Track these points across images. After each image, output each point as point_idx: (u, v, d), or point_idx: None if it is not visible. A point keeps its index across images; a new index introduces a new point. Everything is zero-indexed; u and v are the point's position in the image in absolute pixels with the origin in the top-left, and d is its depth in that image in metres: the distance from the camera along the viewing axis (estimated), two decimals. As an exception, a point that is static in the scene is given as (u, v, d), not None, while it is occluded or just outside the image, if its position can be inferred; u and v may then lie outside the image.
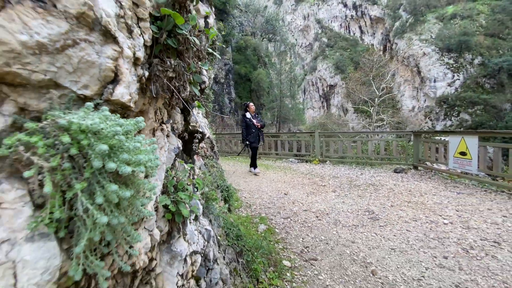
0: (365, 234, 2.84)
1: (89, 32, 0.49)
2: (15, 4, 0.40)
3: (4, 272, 0.44)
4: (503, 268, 2.13)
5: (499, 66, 36.03)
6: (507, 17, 40.54)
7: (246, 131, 5.96)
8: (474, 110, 35.68)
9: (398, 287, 1.98)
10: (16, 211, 0.47)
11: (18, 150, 0.43)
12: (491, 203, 3.48)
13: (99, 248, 0.57)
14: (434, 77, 38.34)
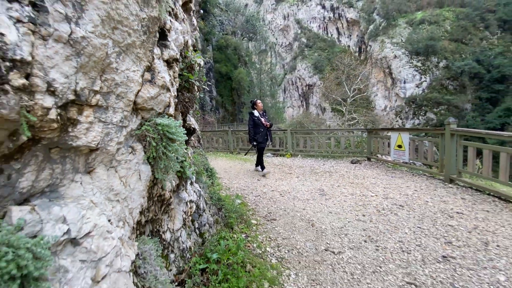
0: (314, 204, 3.88)
1: (164, 91, 1.36)
2: (146, 83, 1.26)
3: (137, 174, 1.33)
4: (398, 220, 3.23)
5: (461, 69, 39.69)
6: (469, 23, 44.51)
7: (254, 130, 5.58)
8: (439, 110, 39.16)
9: (326, 232, 3.00)
10: (138, 152, 1.35)
11: (144, 130, 1.30)
12: (411, 183, 4.69)
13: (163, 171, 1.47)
14: (404, 79, 41.42)
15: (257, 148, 5.82)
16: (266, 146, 6.04)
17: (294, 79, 58.98)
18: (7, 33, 0.67)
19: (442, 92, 39.62)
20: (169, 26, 1.45)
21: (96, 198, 1.03)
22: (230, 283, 1.91)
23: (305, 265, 2.38)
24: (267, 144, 5.95)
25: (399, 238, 2.76)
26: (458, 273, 2.15)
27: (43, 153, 0.86)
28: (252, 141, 5.63)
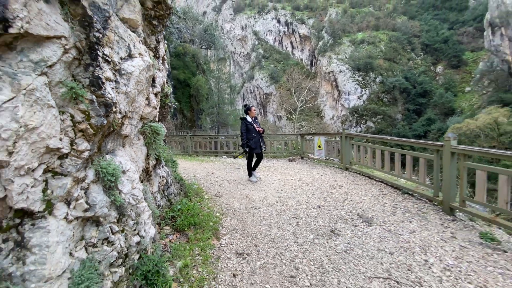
0: (251, 186, 5.44)
1: (154, 109, 2.71)
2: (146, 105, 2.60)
3: (140, 150, 2.66)
4: (302, 191, 4.96)
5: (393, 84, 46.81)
6: (399, 45, 52.70)
7: (247, 135, 5.62)
8: (377, 119, 45.51)
9: (255, 200, 4.55)
10: (141, 140, 2.68)
11: (144, 129, 2.63)
12: (321, 171, 6.60)
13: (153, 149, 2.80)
14: (348, 91, 47.09)
15: (248, 154, 5.84)
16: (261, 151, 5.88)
17: (253, 88, 61.74)
18: (107, 94, 2.02)
19: (378, 104, 46.15)
20: (156, 76, 2.82)
21: (127, 157, 2.36)
22: (188, 220, 3.28)
23: (237, 215, 3.87)
24: (262, 150, 5.87)
25: (297, 200, 4.46)
26: (322, 212, 3.88)
27: (113, 136, 2.18)
28: (244, 146, 5.63)
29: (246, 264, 2.63)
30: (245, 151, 5.74)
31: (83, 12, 1.86)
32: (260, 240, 3.10)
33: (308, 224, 3.49)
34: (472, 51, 45.73)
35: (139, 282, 2.07)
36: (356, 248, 2.83)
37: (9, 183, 1.42)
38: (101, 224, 1.93)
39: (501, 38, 34.34)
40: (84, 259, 1.76)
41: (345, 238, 3.06)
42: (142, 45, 2.56)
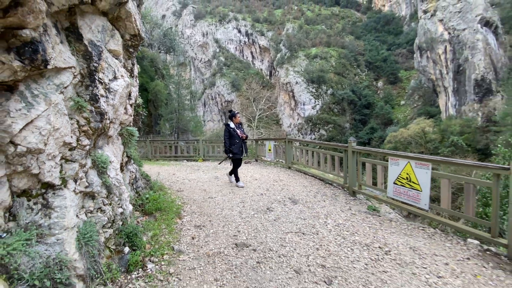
0: (209, 183, 6.37)
1: (130, 117, 3.50)
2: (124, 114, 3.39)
3: (119, 148, 3.46)
4: (251, 185, 6.07)
5: (342, 96, 51.83)
6: (347, 62, 58.53)
7: (230, 141, 5.77)
8: (328, 127, 49.86)
9: (212, 192, 5.50)
10: (120, 140, 3.47)
11: (122, 131, 3.42)
12: (269, 170, 7.85)
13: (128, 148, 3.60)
14: (304, 101, 50.76)
15: (232, 159, 5.96)
16: (242, 157, 6.10)
17: (214, 95, 62.21)
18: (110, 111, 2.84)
19: (330, 114, 50.67)
20: (131, 91, 3.65)
21: (111, 152, 3.17)
22: (155, 206, 4.10)
23: (196, 203, 4.79)
24: (243, 156, 6.09)
25: (246, 191, 5.55)
26: (263, 198, 5.01)
27: (102, 136, 2.98)
28: (227, 152, 5.79)
29: (202, 231, 3.58)
30: (228, 156, 5.86)
31: (85, 49, 2.71)
32: (214, 217, 4.08)
33: (251, 205, 4.58)
34: (406, 69, 53.43)
35: (123, 239, 2.89)
36: (282, 217, 4.00)
37: (43, 164, 2.21)
38: (96, 198, 2.73)
39: (427, 60, 40.96)
40: (86, 220, 2.56)
41: (276, 212, 4.23)
42: (122, 68, 3.40)
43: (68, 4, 2.47)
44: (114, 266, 2.61)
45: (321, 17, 67.42)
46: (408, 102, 46.51)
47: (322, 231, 3.51)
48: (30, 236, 2.04)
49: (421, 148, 33.32)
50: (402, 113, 46.53)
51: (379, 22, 63.89)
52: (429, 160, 3.48)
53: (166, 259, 2.87)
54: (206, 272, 2.65)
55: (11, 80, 1.99)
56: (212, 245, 3.20)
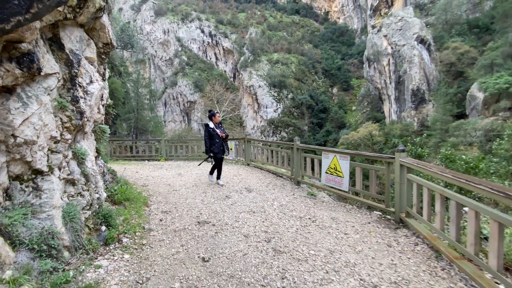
0: (172, 179, 6.90)
1: (102, 116, 3.96)
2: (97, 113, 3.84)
3: (92, 144, 3.91)
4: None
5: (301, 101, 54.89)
6: (306, 68, 62.06)
7: (210, 141, 5.85)
8: (289, 130, 52.46)
9: (176, 186, 6.08)
10: (93, 136, 3.92)
11: (96, 128, 3.86)
12: (231, 167, 8.63)
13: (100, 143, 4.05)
14: (266, 104, 52.58)
15: (213, 159, 5.99)
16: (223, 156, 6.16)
17: (175, 94, 60.68)
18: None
19: (290, 117, 53.33)
20: (103, 93, 4.11)
21: (87, 146, 3.63)
22: (124, 197, 4.57)
23: (162, 195, 5.34)
24: (225, 155, 6.20)
25: (207, 184, 6.23)
26: (223, 189, 5.76)
27: (80, 132, 3.45)
28: (208, 152, 5.89)
29: (168, 215, 4.21)
30: (209, 156, 5.94)
31: (66, 57, 3.21)
32: (178, 205, 4.71)
33: (212, 195, 5.31)
34: (357, 78, 58.82)
35: (100, 220, 3.40)
36: (238, 202, 4.82)
37: (35, 153, 2.69)
38: (76, 184, 3.22)
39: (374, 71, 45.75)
40: (68, 203, 3.05)
41: (233, 199, 5.03)
42: (97, 73, 3.88)
43: (54, 20, 2.97)
44: (93, 240, 3.13)
45: (283, 24, 70.55)
46: (358, 107, 51.29)
47: (269, 210, 4.41)
48: (26, 212, 2.52)
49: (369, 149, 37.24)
50: (354, 118, 51.11)
51: (335, 33, 69.28)
52: (348, 153, 4.64)
53: (138, 235, 3.47)
54: (173, 241, 3.32)
55: (12, 84, 2.47)
56: (178, 224, 3.86)
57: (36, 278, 2.27)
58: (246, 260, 2.84)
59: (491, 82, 26.22)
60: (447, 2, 39.35)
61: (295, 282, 2.44)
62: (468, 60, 32.39)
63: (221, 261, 2.84)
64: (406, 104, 35.99)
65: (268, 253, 2.99)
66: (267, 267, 2.70)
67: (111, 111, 4.73)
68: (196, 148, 12.15)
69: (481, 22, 37.16)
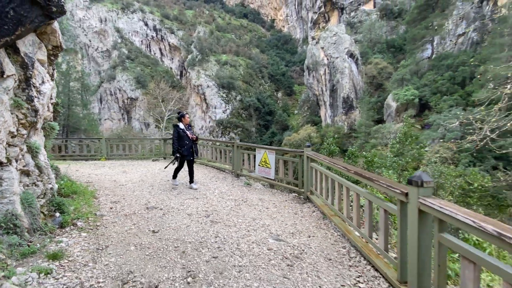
0: (118, 176, 7.18)
1: (52, 113, 4.26)
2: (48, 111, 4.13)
3: (42, 139, 4.22)
4: (157, 175, 7.31)
5: (249, 103, 56.84)
6: (253, 72, 64.35)
7: (178, 143, 5.76)
8: (237, 131, 53.85)
9: (121, 182, 6.46)
10: (42, 132, 4.22)
11: (45, 124, 4.16)
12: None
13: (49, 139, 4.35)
14: (215, 105, 52.87)
15: (179, 161, 5.90)
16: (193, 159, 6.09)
17: (114, 90, 55.93)
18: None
19: (239, 118, 54.77)
20: (52, 92, 4.41)
21: (40, 140, 3.96)
22: (70, 190, 4.88)
23: (108, 189, 5.72)
24: (194, 157, 6.11)
25: (155, 179, 6.79)
26: (169, 183, 6.41)
27: (33, 128, 3.78)
28: (175, 153, 5.78)
29: (118, 204, 4.74)
30: (176, 157, 5.80)
31: (22, 60, 3.59)
32: (127, 196, 5.24)
33: (159, 188, 5.95)
34: (299, 84, 63.82)
35: (54, 207, 3.80)
36: (183, 192, 5.60)
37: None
38: (31, 175, 3.60)
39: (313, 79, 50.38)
40: (24, 191, 3.44)
41: (179, 190, 5.78)
42: (47, 74, 4.20)
43: (12, 27, 3.34)
44: (49, 224, 3.56)
45: (231, 27, 71.77)
46: (299, 111, 55.81)
47: (210, 196, 5.33)
48: (-11, 196, 2.91)
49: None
50: (296, 121, 55.40)
51: (280, 40, 73.75)
52: (274, 149, 5.90)
53: (91, 220, 3.98)
54: (125, 222, 3.96)
55: (-22, 85, 2.86)
56: (128, 210, 4.47)
57: (7, 249, 2.72)
58: (188, 229, 3.71)
59: (401, 94, 32.11)
60: (371, 23, 46.22)
61: (225, 238, 3.43)
62: (386, 74, 38.81)
63: (168, 231, 3.64)
64: (338, 110, 40.92)
65: (207, 224, 3.92)
66: (205, 232, 3.62)
67: (59, 109, 4.94)
68: (140, 147, 12.19)
69: (396, 43, 44.82)
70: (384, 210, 2.50)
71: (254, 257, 2.96)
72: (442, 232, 1.81)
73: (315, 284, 2.47)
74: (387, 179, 2.50)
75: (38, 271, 2.49)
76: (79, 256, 2.92)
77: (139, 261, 2.83)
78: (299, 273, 2.65)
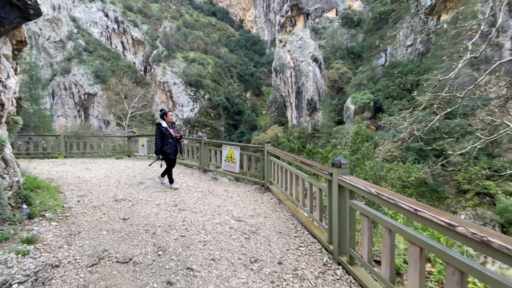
0: (80, 173, 7.13)
1: (15, 108, 4.27)
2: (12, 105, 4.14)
3: (5, 131, 4.24)
4: (123, 170, 7.41)
5: (218, 102, 56.66)
6: (222, 71, 64.25)
7: (161, 141, 5.64)
8: (206, 130, 53.40)
9: (86, 178, 6.48)
10: (6, 126, 4.23)
11: (8, 118, 4.17)
12: (142, 162, 9.28)
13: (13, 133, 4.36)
14: (182, 103, 51.81)
15: (165, 160, 5.79)
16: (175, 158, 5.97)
17: (69, 84, 51.71)
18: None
19: (207, 117, 54.37)
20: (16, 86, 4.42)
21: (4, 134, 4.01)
22: (34, 185, 4.90)
23: (73, 184, 5.76)
24: (178, 156, 6.02)
25: (121, 174, 6.91)
26: (136, 178, 6.60)
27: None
28: (158, 153, 5.64)
29: (85, 198, 4.89)
30: (158, 158, 5.69)
31: None
32: (93, 191, 5.38)
33: (126, 182, 6.13)
34: (267, 85, 65.36)
35: (21, 200, 3.89)
36: (151, 186, 5.88)
37: (-37, 138, 3.15)
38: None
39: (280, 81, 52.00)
40: (-9, 183, 3.53)
41: (147, 184, 6.04)
42: (12, 69, 4.23)
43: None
44: (17, 215, 3.67)
45: (199, 24, 70.75)
46: (267, 112, 57.25)
47: (180, 189, 5.70)
48: (-42, 187, 3.02)
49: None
50: (264, 121, 56.72)
51: (249, 41, 74.67)
52: (238, 145, 6.46)
53: (59, 211, 4.14)
54: (95, 213, 4.20)
55: None
56: (96, 202, 4.67)
57: (-21, 235, 2.87)
58: (157, 216, 4.09)
59: (359, 97, 34.92)
60: (334, 30, 49.24)
61: (191, 221, 3.89)
62: (346, 79, 41.76)
63: (138, 219, 3.98)
64: (303, 111, 42.94)
65: (175, 212, 4.33)
66: (173, 218, 4.05)
67: (22, 104, 4.90)
68: (103, 145, 11.87)
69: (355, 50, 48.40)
70: (319, 189, 3.21)
71: (217, 234, 3.49)
72: (352, 199, 2.53)
73: (266, 249, 3.08)
74: (321, 165, 3.21)
75: (16, 252, 2.72)
76: (52, 240, 3.16)
77: (113, 242, 3.18)
78: (254, 243, 3.25)
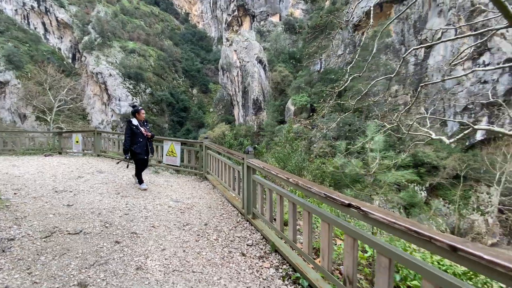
0: (7, 169, 6.86)
1: None
2: None
3: None
4: (59, 168, 7.37)
5: (161, 98, 54.29)
6: (166, 65, 61.62)
7: (131, 140, 5.35)
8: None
9: (15, 174, 6.35)
10: None
11: None
12: (79, 158, 9.16)
13: None
14: (119, 97, 48.07)
15: (135, 160, 5.54)
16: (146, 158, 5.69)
17: (-32, 68, 42.71)
18: None
19: (148, 113, 51.59)
20: None
21: None
22: (-40, 179, 4.82)
23: (3, 180, 5.69)
24: (149, 156, 5.78)
25: (56, 170, 6.93)
26: (74, 173, 6.75)
27: None
28: (126, 152, 5.38)
29: (21, 191, 5.05)
30: (125, 157, 5.47)
31: None
32: (29, 185, 5.49)
33: (63, 176, 6.30)
34: (214, 83, 65.40)
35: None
36: (91, 179, 6.22)
37: None
38: None
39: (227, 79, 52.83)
40: None
41: (86, 178, 6.33)
42: None
43: None
44: (-49, 206, 3.81)
45: (140, 12, 66.34)
46: (215, 110, 57.58)
47: (119, 181, 6.19)
48: None
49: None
50: (211, 118, 56.87)
51: (195, 36, 73.21)
52: (179, 141, 7.22)
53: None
54: (37, 202, 4.51)
55: None
56: (34, 194, 4.91)
57: None
58: (101, 202, 4.66)
59: (298, 99, 38.31)
60: (277, 35, 52.37)
61: (134, 204, 4.60)
62: (287, 81, 45.11)
63: (82, 205, 4.49)
64: (249, 110, 44.81)
65: (118, 198, 4.93)
66: (116, 202, 4.67)
67: None
68: (28, 142, 10.97)
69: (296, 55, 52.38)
70: (237, 171, 4.34)
71: (157, 211, 4.31)
72: (254, 174, 3.71)
73: (197, 218, 4.06)
74: (238, 153, 4.33)
75: (-34, 232, 3.07)
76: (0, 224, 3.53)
77: (61, 221, 3.72)
78: (187, 215, 4.19)
